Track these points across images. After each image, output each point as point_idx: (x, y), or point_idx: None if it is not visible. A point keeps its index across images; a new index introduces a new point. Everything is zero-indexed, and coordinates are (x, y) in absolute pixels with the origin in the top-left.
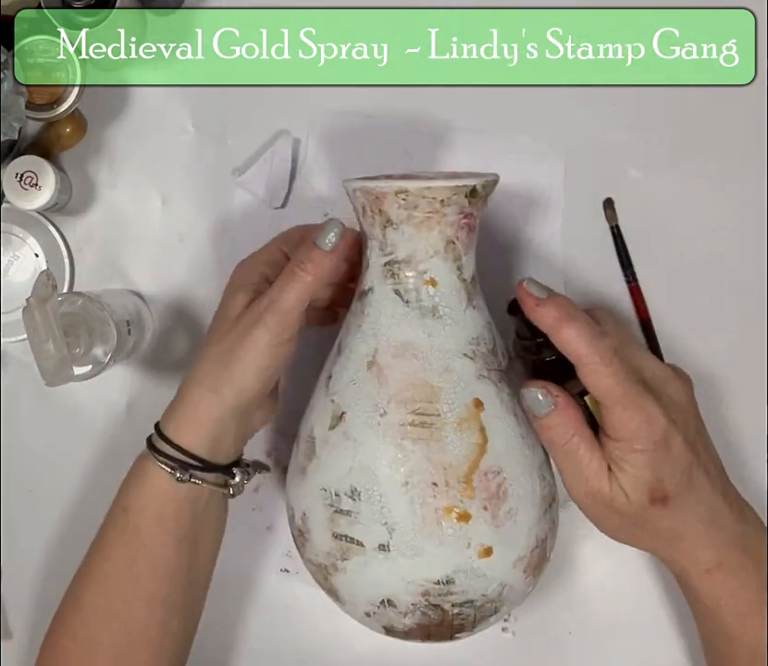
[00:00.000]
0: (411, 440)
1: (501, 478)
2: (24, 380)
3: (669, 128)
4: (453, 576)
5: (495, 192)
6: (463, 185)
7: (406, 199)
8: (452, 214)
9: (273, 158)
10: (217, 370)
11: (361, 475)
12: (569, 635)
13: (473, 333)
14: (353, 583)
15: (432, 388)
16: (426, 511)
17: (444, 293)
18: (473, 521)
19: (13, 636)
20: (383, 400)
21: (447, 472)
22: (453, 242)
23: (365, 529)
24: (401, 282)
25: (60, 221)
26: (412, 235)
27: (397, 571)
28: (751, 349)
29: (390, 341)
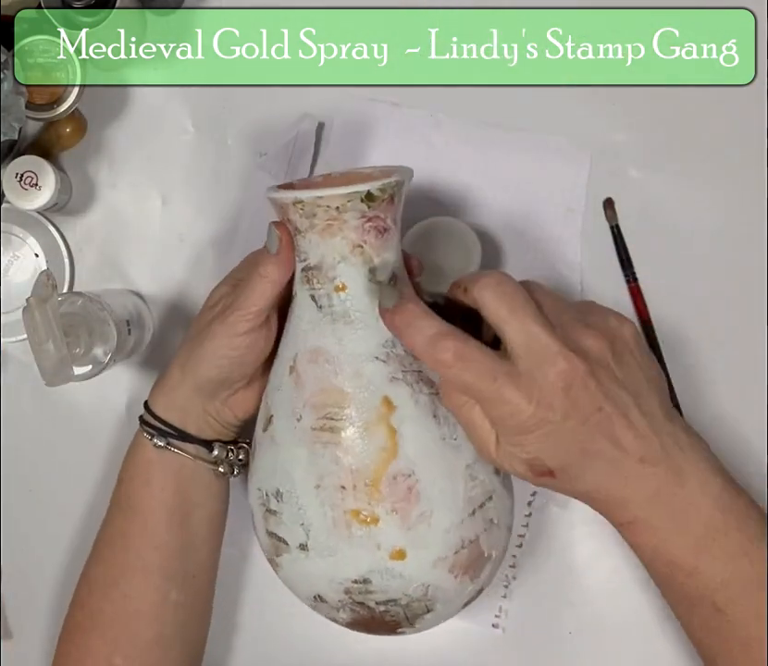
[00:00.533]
0: (321, 444)
1: (413, 481)
2: (24, 380)
3: (669, 128)
4: (369, 576)
5: (510, 190)
6: (354, 192)
7: (303, 208)
8: (353, 219)
9: (296, 141)
10: (186, 352)
11: (282, 478)
12: (569, 634)
13: (388, 335)
14: (290, 578)
15: (342, 393)
16: (335, 514)
17: (355, 297)
18: (382, 523)
19: (13, 636)
20: (299, 404)
21: (354, 475)
22: (361, 246)
23: (288, 529)
24: (314, 288)
25: (60, 221)
26: (318, 242)
27: (318, 569)
28: (752, 348)
29: (307, 347)
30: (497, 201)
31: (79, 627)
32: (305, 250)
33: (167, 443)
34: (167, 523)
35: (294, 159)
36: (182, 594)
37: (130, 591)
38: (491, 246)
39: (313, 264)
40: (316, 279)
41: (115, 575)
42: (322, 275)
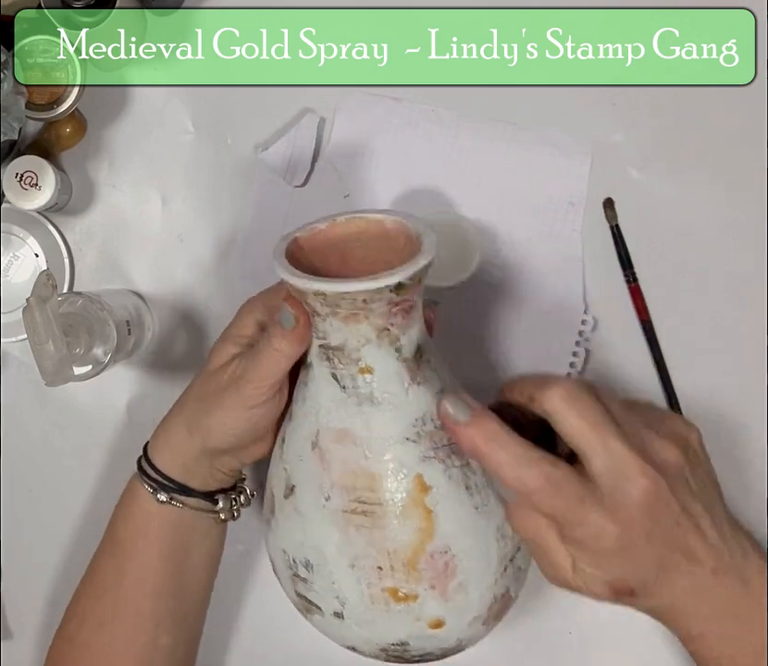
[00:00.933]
0: (354, 527)
1: (450, 556)
2: (24, 380)
3: (669, 128)
4: (407, 640)
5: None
6: (384, 286)
7: (325, 299)
8: (380, 307)
9: (297, 136)
10: (194, 414)
11: (311, 551)
12: (569, 634)
13: (417, 413)
14: (322, 630)
15: (372, 476)
16: (373, 592)
17: (381, 378)
18: (420, 599)
19: (13, 636)
20: (326, 484)
21: (391, 557)
22: (387, 329)
23: (320, 598)
24: (335, 367)
25: (60, 221)
26: (340, 327)
27: (353, 634)
28: (751, 349)
29: (330, 426)
30: (498, 195)
31: (67, 659)
32: (324, 330)
33: (169, 498)
34: (162, 570)
35: (295, 154)
36: (172, 638)
37: (119, 633)
38: (492, 241)
39: (333, 344)
40: (338, 359)
41: (105, 615)
42: (345, 356)
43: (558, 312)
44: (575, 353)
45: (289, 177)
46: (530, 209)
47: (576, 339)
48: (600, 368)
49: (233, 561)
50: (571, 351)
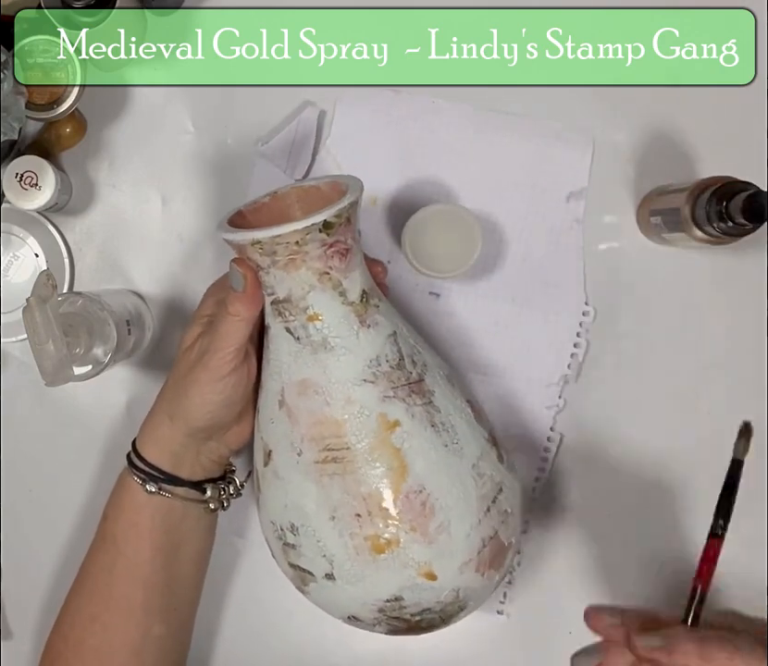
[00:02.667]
0: (328, 476)
1: (425, 496)
2: (24, 380)
3: (669, 128)
4: (400, 594)
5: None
6: (311, 224)
7: (263, 248)
8: (315, 249)
9: (298, 129)
10: (172, 400)
11: (294, 512)
12: (569, 635)
13: (370, 355)
14: (320, 603)
15: (337, 422)
16: (356, 542)
17: (331, 324)
18: (403, 543)
19: (13, 636)
20: (297, 439)
21: (367, 502)
22: (327, 273)
23: (310, 561)
24: (288, 320)
25: (60, 221)
26: (283, 277)
27: (348, 595)
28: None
29: (292, 380)
30: (499, 186)
31: (60, 658)
32: (271, 285)
33: (158, 488)
34: (152, 561)
35: (296, 147)
36: (164, 628)
37: (111, 626)
38: (493, 232)
39: (282, 297)
40: (288, 312)
41: (98, 609)
42: (293, 306)
43: (558, 302)
44: (576, 344)
45: (290, 170)
46: (531, 200)
47: (576, 330)
48: (599, 359)
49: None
50: (572, 342)
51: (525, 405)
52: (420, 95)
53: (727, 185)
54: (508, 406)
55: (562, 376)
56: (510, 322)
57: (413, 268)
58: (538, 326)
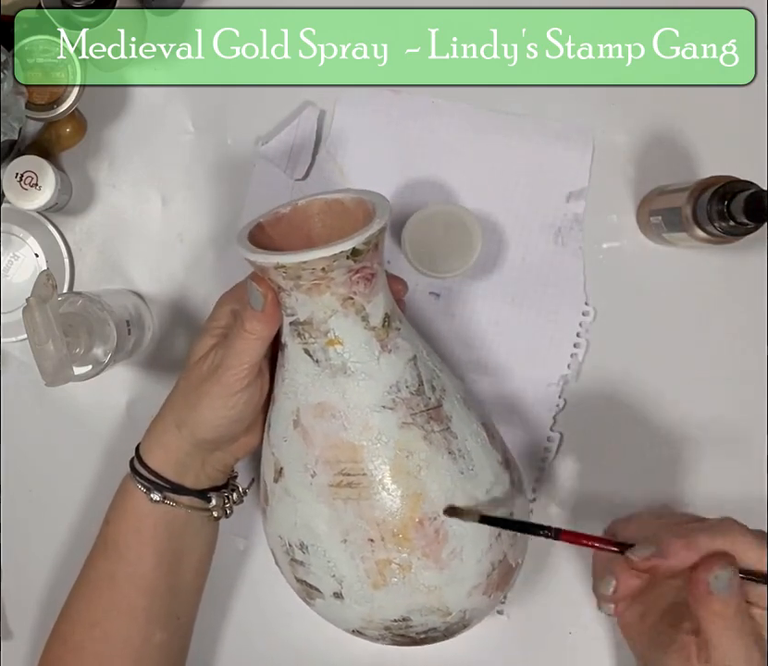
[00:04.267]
0: (342, 500)
1: (439, 523)
2: (24, 380)
3: (669, 128)
4: (408, 615)
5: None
6: (340, 252)
7: (287, 272)
8: (340, 275)
9: (298, 129)
10: (181, 409)
11: (304, 532)
12: (569, 635)
13: (390, 381)
14: (326, 616)
15: (354, 448)
16: (367, 566)
17: (352, 348)
18: (415, 569)
19: (13, 636)
20: (311, 461)
21: (381, 527)
22: (351, 298)
23: (318, 579)
24: (307, 342)
25: (60, 221)
26: (305, 301)
27: (355, 614)
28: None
29: (309, 402)
30: (499, 186)
31: (59, 660)
32: (292, 306)
33: (162, 497)
34: (155, 568)
35: (296, 147)
36: (166, 634)
37: (113, 632)
38: (493, 232)
39: (302, 319)
40: (308, 334)
41: (98, 615)
42: (314, 329)
43: (558, 302)
44: (576, 344)
45: (290, 170)
46: (531, 199)
47: (576, 330)
48: (599, 359)
49: (229, 559)
50: (572, 342)
51: (525, 405)
52: (420, 95)
53: (728, 184)
54: (508, 406)
55: (562, 376)
56: (510, 322)
57: (413, 268)
58: (539, 326)
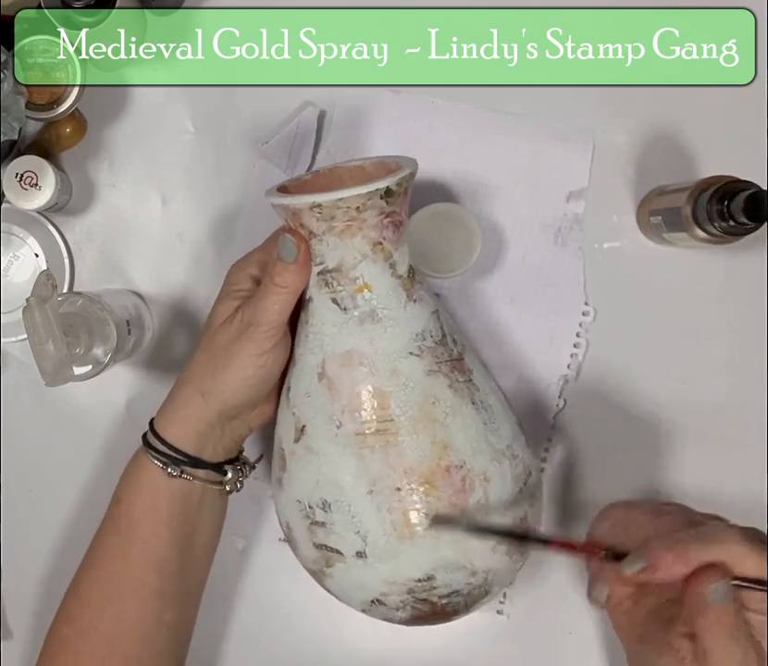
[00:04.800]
0: (369, 449)
1: (465, 471)
2: (24, 380)
3: (669, 128)
4: (433, 573)
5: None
6: (375, 190)
7: (321, 212)
8: (372, 217)
9: (298, 129)
10: (206, 376)
11: (328, 488)
12: (569, 635)
13: (416, 328)
14: (342, 587)
15: (382, 394)
16: (394, 517)
17: (380, 295)
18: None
19: (13, 636)
20: (337, 411)
21: (408, 475)
22: (380, 243)
23: (341, 539)
24: (335, 291)
25: (60, 221)
26: (336, 244)
27: (378, 575)
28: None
29: (336, 351)
30: (499, 185)
31: (67, 643)
32: (322, 253)
33: (180, 471)
34: (169, 545)
35: (296, 147)
36: (176, 613)
37: (125, 612)
38: (493, 232)
39: (331, 266)
40: (337, 281)
41: (111, 595)
42: (343, 276)
43: (558, 302)
44: (576, 344)
45: (290, 170)
46: (531, 199)
47: (576, 330)
48: (599, 359)
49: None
50: (572, 342)
51: (524, 405)
52: (420, 95)
53: (728, 184)
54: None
55: (562, 376)
56: (510, 322)
57: None
58: (539, 326)
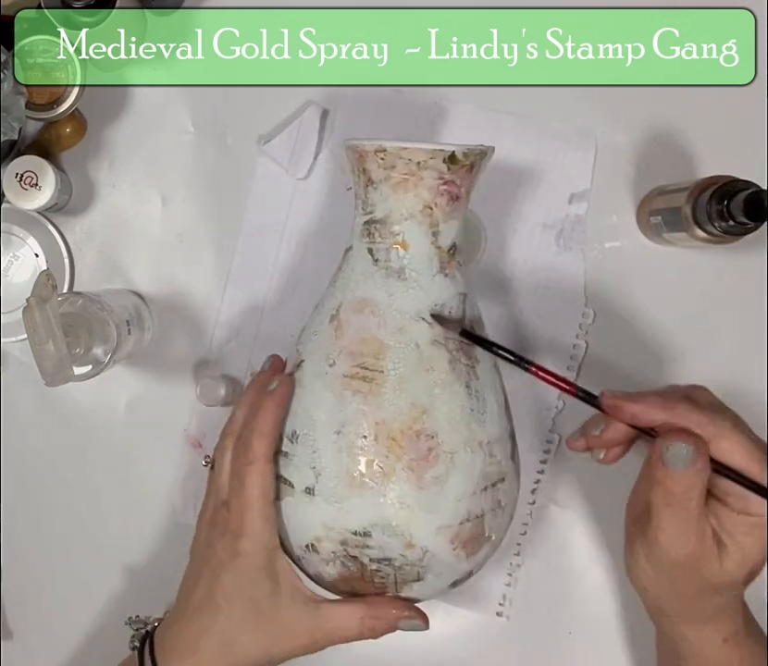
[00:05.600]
0: (351, 392)
1: (435, 443)
2: (24, 380)
3: (669, 128)
4: (370, 529)
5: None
6: (440, 149)
7: (384, 158)
8: (430, 178)
9: (300, 128)
10: (237, 628)
11: (301, 420)
12: (569, 635)
13: (438, 300)
14: (285, 524)
15: (381, 345)
16: (351, 462)
17: (414, 256)
18: (395, 478)
19: (13, 636)
20: (335, 351)
21: (378, 427)
22: (431, 208)
23: (297, 471)
24: (374, 241)
25: (60, 221)
26: (389, 195)
27: (319, 515)
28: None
29: (354, 296)
30: (500, 187)
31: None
32: (373, 202)
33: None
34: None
35: (298, 146)
36: None
37: None
38: (494, 232)
39: (378, 217)
40: (378, 233)
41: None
42: (385, 229)
43: (558, 303)
44: (575, 346)
45: (292, 169)
46: (533, 200)
47: (576, 332)
48: (599, 360)
49: None
50: (571, 344)
51: (523, 407)
52: (421, 95)
53: (728, 184)
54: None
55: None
56: (509, 322)
57: None
58: (539, 326)
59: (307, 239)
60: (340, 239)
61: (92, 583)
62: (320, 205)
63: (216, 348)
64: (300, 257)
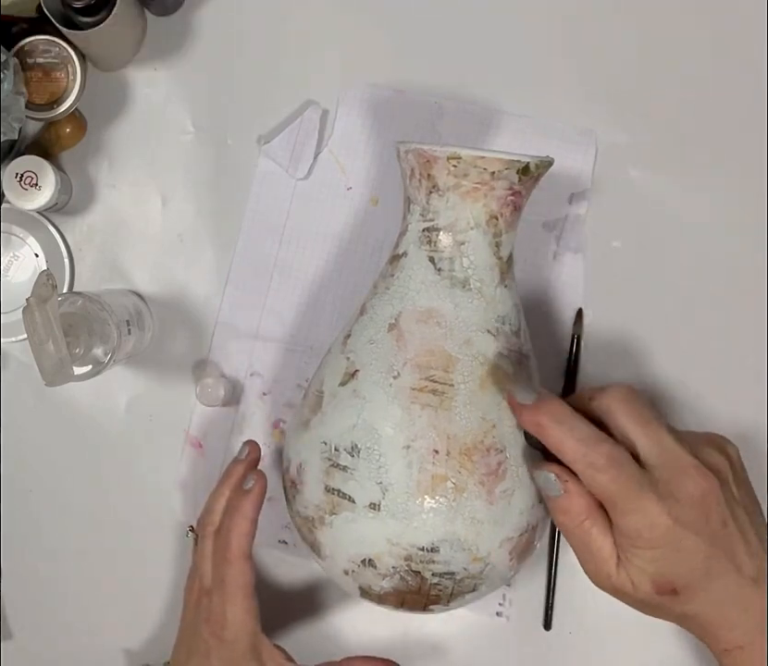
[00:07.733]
0: (420, 405)
1: (503, 457)
2: (24, 380)
3: (669, 128)
4: (439, 545)
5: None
6: (517, 160)
7: (457, 166)
8: (501, 188)
9: (300, 128)
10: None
11: (364, 433)
12: (569, 635)
13: (500, 311)
14: (338, 538)
15: (450, 358)
16: (422, 477)
17: (478, 267)
18: (467, 494)
19: (13, 636)
20: (399, 362)
21: (450, 442)
22: (496, 218)
23: (359, 486)
24: (437, 249)
25: (60, 221)
26: (456, 203)
27: (384, 531)
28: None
29: (416, 306)
30: None
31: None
32: (436, 209)
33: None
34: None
35: (298, 146)
36: None
37: None
38: None
39: (441, 225)
40: (441, 241)
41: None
42: (449, 237)
43: (558, 303)
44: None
45: (292, 169)
46: (533, 200)
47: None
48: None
49: None
50: (569, 344)
51: None
52: (422, 95)
53: None
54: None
55: (561, 377)
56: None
57: None
58: (538, 327)
59: (307, 239)
60: (341, 239)
61: (92, 583)
62: (320, 205)
63: (216, 348)
64: (300, 257)
